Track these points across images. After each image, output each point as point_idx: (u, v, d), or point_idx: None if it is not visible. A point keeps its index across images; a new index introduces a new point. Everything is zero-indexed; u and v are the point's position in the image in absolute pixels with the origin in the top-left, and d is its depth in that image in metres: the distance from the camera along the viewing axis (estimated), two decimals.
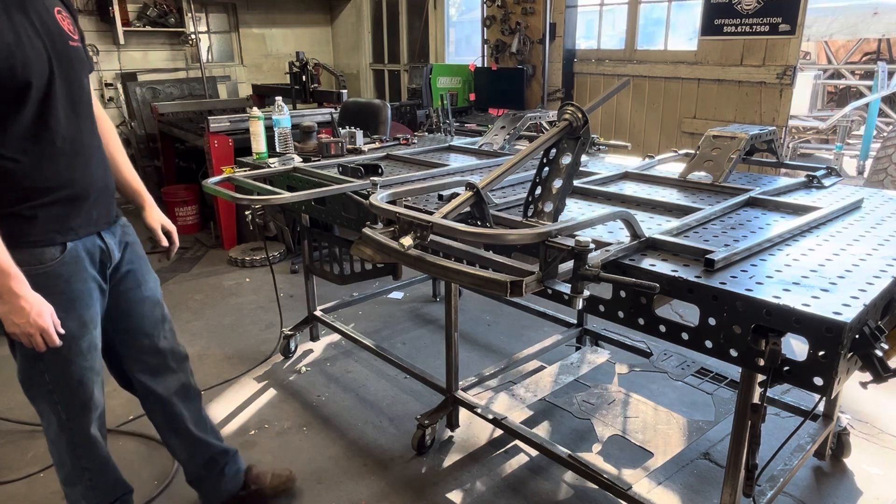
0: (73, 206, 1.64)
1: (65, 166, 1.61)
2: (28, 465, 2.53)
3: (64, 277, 1.63)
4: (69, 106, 1.61)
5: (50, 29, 1.56)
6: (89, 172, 1.68)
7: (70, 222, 1.63)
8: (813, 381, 1.25)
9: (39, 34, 1.53)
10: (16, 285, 1.47)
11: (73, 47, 1.63)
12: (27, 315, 1.49)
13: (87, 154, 1.67)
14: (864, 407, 2.83)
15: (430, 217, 1.51)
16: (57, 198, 1.60)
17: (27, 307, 1.49)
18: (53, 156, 1.58)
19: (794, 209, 1.96)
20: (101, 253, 1.74)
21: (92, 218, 1.70)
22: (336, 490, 2.38)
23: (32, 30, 1.51)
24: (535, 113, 3.29)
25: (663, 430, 2.59)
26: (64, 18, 1.63)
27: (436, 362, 3.24)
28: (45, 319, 1.52)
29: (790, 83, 4.33)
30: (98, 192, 1.71)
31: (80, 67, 1.65)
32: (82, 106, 1.67)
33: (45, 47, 1.53)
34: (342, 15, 8.20)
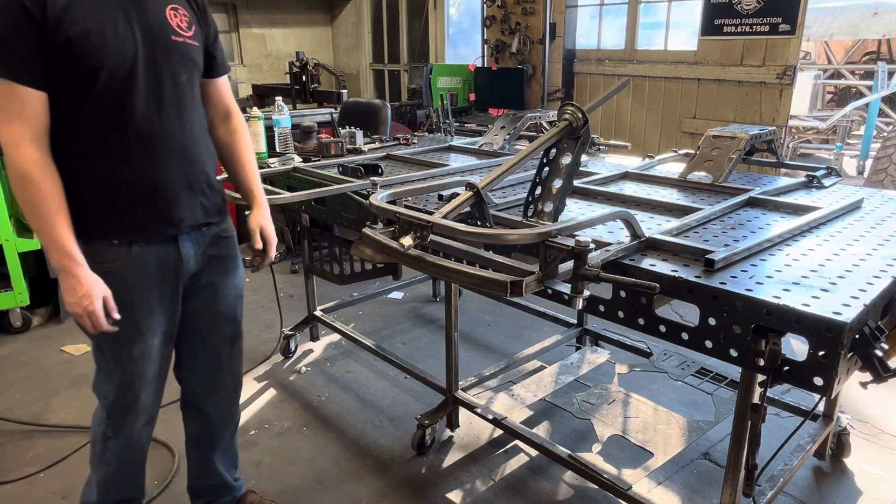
0: (141, 205, 1.58)
1: (136, 163, 1.55)
2: (28, 465, 2.53)
3: (123, 280, 1.59)
4: (155, 101, 1.55)
5: (149, 21, 1.53)
6: (167, 172, 1.60)
7: (137, 221, 1.58)
8: (813, 381, 1.25)
9: (131, 24, 1.50)
10: (69, 264, 1.47)
11: (176, 42, 1.58)
12: (76, 295, 1.48)
13: (167, 152, 1.59)
14: (864, 407, 2.83)
15: (430, 217, 1.51)
16: (124, 194, 1.55)
17: (78, 287, 1.47)
18: (125, 150, 1.54)
19: (794, 209, 1.96)
20: (174, 262, 1.67)
21: (168, 219, 1.62)
22: (336, 490, 2.38)
23: (124, 19, 1.49)
24: (535, 113, 3.29)
25: (663, 430, 2.59)
26: (177, 15, 1.60)
27: (436, 362, 3.24)
28: (93, 303, 1.49)
29: (790, 83, 4.33)
30: (177, 193, 1.63)
31: (178, 63, 1.59)
32: (173, 102, 1.59)
33: (133, 38, 1.50)
34: (342, 15, 8.20)
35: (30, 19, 1.37)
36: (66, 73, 1.44)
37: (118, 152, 1.53)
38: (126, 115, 1.51)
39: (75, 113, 1.48)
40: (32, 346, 3.55)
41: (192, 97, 1.66)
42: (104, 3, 1.46)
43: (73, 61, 1.43)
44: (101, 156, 1.53)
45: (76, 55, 1.42)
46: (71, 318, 3.86)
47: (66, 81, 1.45)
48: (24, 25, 1.37)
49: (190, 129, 1.64)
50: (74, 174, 1.51)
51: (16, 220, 3.74)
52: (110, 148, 1.52)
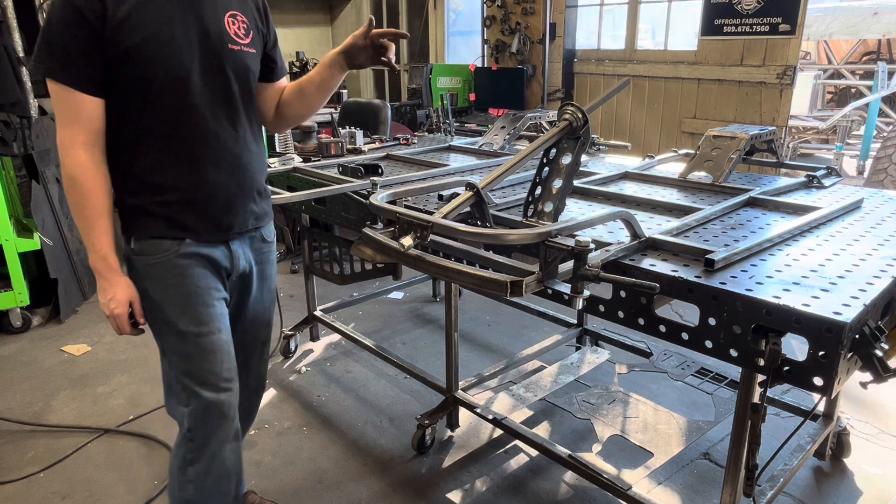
0: (192, 210, 1.59)
1: (190, 170, 1.56)
2: (28, 465, 2.53)
3: (180, 270, 1.60)
4: (210, 110, 1.56)
5: (207, 29, 1.54)
6: (220, 179, 1.60)
7: (188, 223, 1.59)
8: (813, 381, 1.25)
9: (189, 33, 1.51)
10: (103, 267, 1.53)
11: (233, 51, 1.59)
12: (105, 297, 1.55)
13: (220, 160, 1.60)
14: (864, 407, 2.83)
15: (430, 217, 1.51)
16: (176, 199, 1.57)
17: (108, 290, 1.54)
18: (178, 157, 1.55)
19: (794, 209, 1.96)
20: (222, 263, 1.67)
21: (221, 225, 1.64)
22: (336, 490, 2.38)
23: (183, 28, 1.50)
24: (535, 113, 3.29)
25: (663, 430, 2.59)
26: (235, 22, 1.61)
27: (436, 362, 3.24)
28: (119, 306, 1.54)
29: (790, 83, 4.33)
30: (229, 200, 1.64)
31: (234, 72, 1.59)
32: (228, 111, 1.60)
33: (191, 46, 1.51)
34: (342, 15, 8.20)
35: (89, 28, 1.40)
36: (124, 81, 1.47)
37: (172, 159, 1.55)
38: (181, 122, 1.53)
39: (131, 119, 1.51)
40: (32, 346, 3.55)
41: (247, 105, 1.66)
42: (164, 12, 1.48)
43: (130, 69, 1.46)
44: (156, 162, 1.54)
45: (134, 63, 1.45)
46: (71, 319, 3.86)
47: (124, 89, 1.48)
48: (83, 34, 1.40)
49: (243, 136, 1.65)
50: (128, 177, 1.56)
51: (16, 220, 3.74)
52: (164, 154, 1.54)
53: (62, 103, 1.45)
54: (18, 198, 4.00)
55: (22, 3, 4.07)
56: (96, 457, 2.60)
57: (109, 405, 2.96)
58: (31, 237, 3.63)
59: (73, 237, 4.09)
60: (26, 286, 3.61)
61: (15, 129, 3.82)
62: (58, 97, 1.45)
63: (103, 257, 1.52)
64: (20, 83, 3.82)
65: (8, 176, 3.87)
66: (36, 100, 3.98)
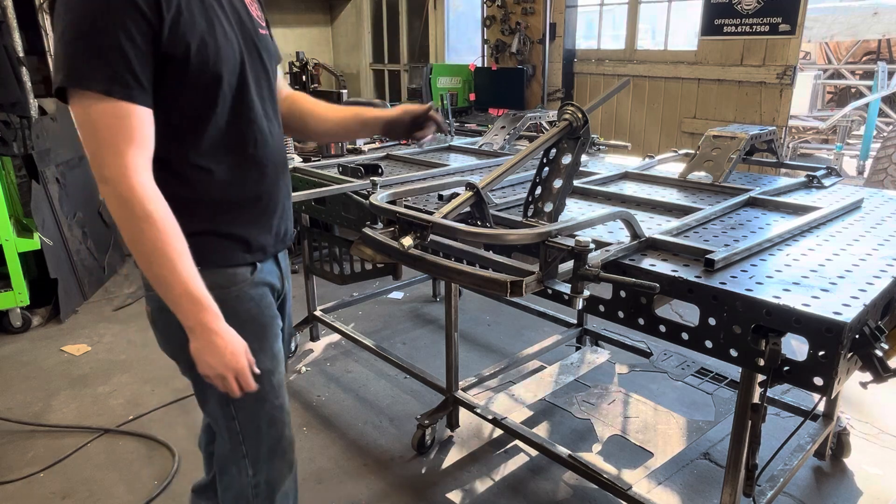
0: (263, 222, 1.42)
1: (257, 177, 1.38)
2: (28, 465, 2.53)
3: (255, 301, 1.41)
4: (262, 107, 1.38)
5: (240, 15, 1.34)
6: (279, 183, 1.45)
7: (260, 239, 1.41)
8: (813, 381, 1.25)
9: (230, 21, 1.31)
10: (210, 319, 1.23)
11: (263, 36, 1.41)
12: (221, 354, 1.24)
13: (277, 161, 1.43)
14: (864, 407, 2.83)
15: (430, 217, 1.51)
16: (249, 212, 1.39)
17: (222, 345, 1.24)
18: (246, 164, 1.36)
19: (794, 209, 1.96)
20: (277, 279, 1.51)
21: (279, 235, 1.48)
22: (336, 490, 2.38)
23: (224, 15, 1.29)
24: (535, 113, 3.29)
25: (663, 430, 2.59)
26: (252, 2, 1.42)
27: (436, 362, 3.24)
28: (241, 359, 1.27)
29: (790, 83, 4.33)
30: (285, 205, 1.49)
31: (269, 59, 1.41)
32: (272, 105, 1.43)
33: (236, 38, 1.31)
34: (342, 15, 8.20)
35: (145, 24, 1.14)
36: (184, 86, 1.23)
37: (242, 168, 1.36)
38: (243, 124, 1.34)
39: (195, 129, 1.28)
40: (32, 346, 3.55)
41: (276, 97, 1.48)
42: (208, 11, 1.26)
43: (191, 72, 1.22)
44: (226, 174, 1.34)
45: (195, 64, 1.22)
46: (71, 319, 3.86)
47: (185, 94, 1.25)
48: (139, 32, 1.13)
49: (280, 133, 1.48)
50: (193, 197, 1.31)
51: (16, 220, 3.74)
52: (236, 165, 1.34)
53: (113, 121, 1.14)
54: (18, 198, 4.00)
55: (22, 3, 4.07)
56: (96, 457, 2.60)
57: (109, 405, 2.96)
58: (31, 237, 3.63)
59: (73, 237, 4.09)
60: (26, 286, 3.61)
61: (15, 129, 3.82)
62: (103, 114, 1.13)
63: (206, 306, 1.22)
64: (20, 83, 3.82)
65: (8, 176, 3.87)
66: (36, 100, 3.98)
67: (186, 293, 1.20)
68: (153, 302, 1.37)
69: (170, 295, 1.20)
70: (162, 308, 1.28)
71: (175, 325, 1.27)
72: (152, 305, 1.38)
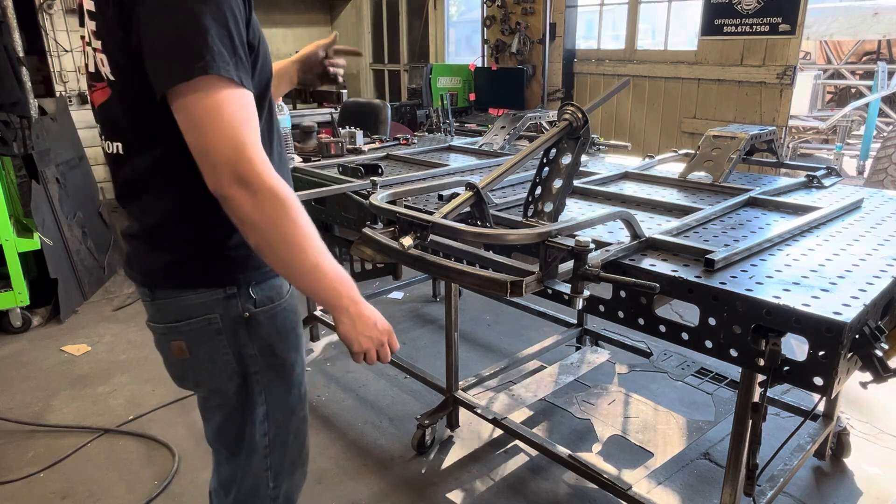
0: None
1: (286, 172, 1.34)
2: (28, 465, 2.53)
3: (294, 311, 1.38)
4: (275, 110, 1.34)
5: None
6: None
7: None
8: (813, 381, 1.25)
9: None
10: (358, 297, 1.19)
11: None
12: (373, 326, 1.21)
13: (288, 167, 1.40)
14: (864, 407, 2.83)
15: (430, 217, 1.51)
16: None
17: (370, 318, 1.21)
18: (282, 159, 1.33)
19: (794, 209, 1.96)
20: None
21: None
22: (336, 490, 2.38)
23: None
24: (535, 113, 3.29)
25: (663, 430, 2.59)
26: None
27: (436, 362, 3.24)
28: (387, 325, 1.25)
29: (790, 83, 4.33)
30: None
31: None
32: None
33: None
34: (342, 15, 8.20)
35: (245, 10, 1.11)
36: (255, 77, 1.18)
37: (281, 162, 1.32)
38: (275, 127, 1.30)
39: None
40: (32, 346, 3.55)
41: None
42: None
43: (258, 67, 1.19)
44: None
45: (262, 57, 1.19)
46: (71, 319, 3.86)
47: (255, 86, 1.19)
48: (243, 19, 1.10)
49: None
50: None
51: (16, 220, 3.74)
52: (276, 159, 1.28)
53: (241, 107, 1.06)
54: (18, 198, 4.00)
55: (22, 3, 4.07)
56: (96, 457, 2.60)
57: (109, 405, 2.96)
58: (31, 237, 3.63)
59: (73, 237, 4.09)
60: (26, 286, 3.61)
61: (15, 129, 3.82)
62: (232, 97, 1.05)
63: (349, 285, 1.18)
64: (20, 83, 3.82)
65: (8, 176, 3.87)
66: (36, 100, 3.98)
67: (338, 274, 1.15)
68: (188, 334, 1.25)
69: (323, 282, 1.13)
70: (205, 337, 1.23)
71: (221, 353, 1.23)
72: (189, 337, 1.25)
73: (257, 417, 1.35)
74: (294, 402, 1.41)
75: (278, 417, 1.38)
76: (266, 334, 1.29)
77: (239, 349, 1.27)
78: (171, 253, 1.22)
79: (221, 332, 1.24)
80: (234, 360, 1.26)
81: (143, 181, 1.20)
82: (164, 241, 1.22)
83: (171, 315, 1.25)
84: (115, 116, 1.19)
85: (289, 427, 1.41)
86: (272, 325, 1.29)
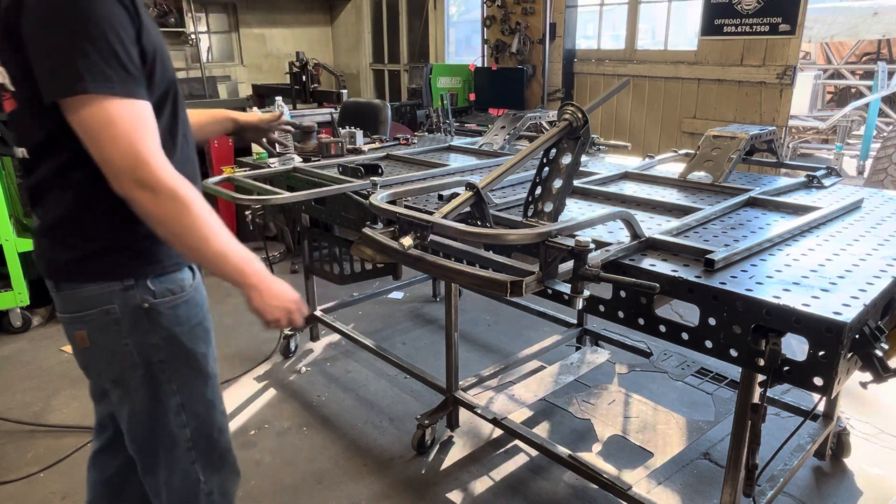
0: None
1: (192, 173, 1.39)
2: (28, 465, 2.53)
3: (200, 304, 1.44)
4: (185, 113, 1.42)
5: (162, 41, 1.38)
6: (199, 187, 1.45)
7: None
8: (813, 381, 1.25)
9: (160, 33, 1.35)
10: (264, 272, 1.29)
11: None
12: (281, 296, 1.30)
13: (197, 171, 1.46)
14: (864, 407, 2.83)
15: (430, 217, 1.51)
16: None
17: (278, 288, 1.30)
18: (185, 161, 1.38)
19: (794, 209, 1.96)
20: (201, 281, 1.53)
21: None
22: (336, 490, 2.38)
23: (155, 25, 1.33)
24: (535, 113, 3.29)
25: (663, 430, 2.59)
26: None
27: (436, 362, 3.24)
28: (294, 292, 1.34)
29: (790, 83, 4.33)
30: None
31: None
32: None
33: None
34: (342, 15, 8.20)
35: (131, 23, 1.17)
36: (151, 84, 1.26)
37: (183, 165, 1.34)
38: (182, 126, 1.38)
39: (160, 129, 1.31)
40: (32, 346, 3.55)
41: None
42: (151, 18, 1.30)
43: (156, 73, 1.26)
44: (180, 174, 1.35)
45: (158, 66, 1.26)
46: None
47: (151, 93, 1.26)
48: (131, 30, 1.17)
49: None
50: None
51: (16, 220, 3.74)
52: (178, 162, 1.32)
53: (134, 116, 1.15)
54: (18, 198, 4.00)
55: None
56: None
57: None
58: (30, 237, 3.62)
59: None
60: (26, 286, 3.61)
61: None
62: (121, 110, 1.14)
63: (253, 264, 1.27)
64: None
65: (8, 176, 3.87)
66: None
67: (243, 255, 1.25)
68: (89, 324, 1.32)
69: (229, 264, 1.23)
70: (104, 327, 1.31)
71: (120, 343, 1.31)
72: (90, 327, 1.33)
73: (170, 408, 1.40)
74: (212, 395, 1.47)
75: (197, 409, 1.44)
76: (168, 324, 1.35)
77: (140, 339, 1.33)
78: (73, 249, 1.29)
79: (120, 322, 1.32)
80: (134, 351, 1.33)
81: (48, 183, 1.28)
82: (66, 238, 1.30)
83: (73, 306, 1.32)
84: (22, 124, 1.28)
85: (211, 419, 1.47)
86: (174, 316, 1.35)
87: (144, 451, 1.45)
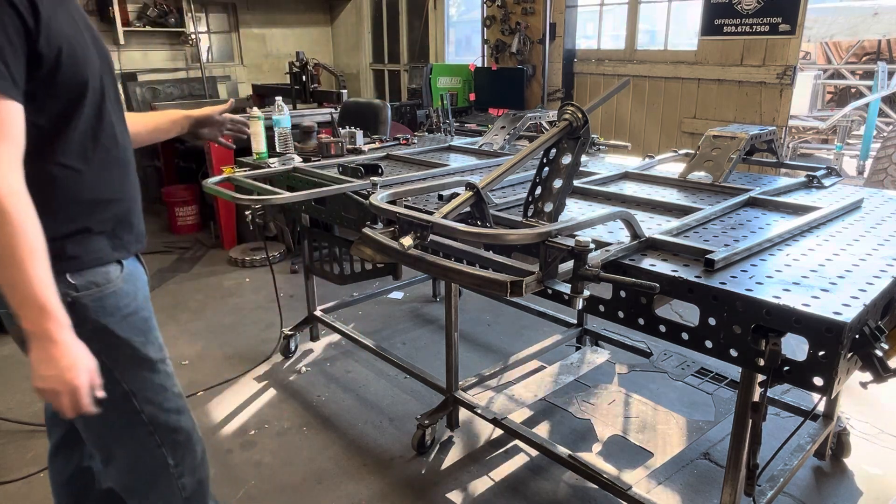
0: (125, 220, 1.47)
1: (119, 176, 1.44)
2: (28, 465, 2.53)
3: (132, 296, 1.46)
4: (117, 115, 1.44)
5: (88, 23, 1.39)
6: (135, 183, 1.52)
7: (123, 237, 1.46)
8: (813, 381, 1.25)
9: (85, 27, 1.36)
10: (54, 328, 1.17)
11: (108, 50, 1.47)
12: (57, 366, 1.18)
13: (131, 166, 1.50)
14: (864, 407, 2.83)
15: (430, 217, 1.51)
16: (114, 211, 1.43)
17: (59, 357, 1.18)
18: (110, 164, 1.41)
19: (794, 209, 1.96)
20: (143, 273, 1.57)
21: (139, 234, 1.53)
22: (336, 490, 2.38)
23: (82, 22, 1.35)
24: (535, 113, 3.29)
25: (663, 430, 2.59)
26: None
27: (436, 362, 3.24)
28: (79, 376, 1.20)
29: (790, 83, 4.33)
30: (140, 208, 1.54)
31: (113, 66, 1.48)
32: (122, 115, 1.49)
33: (91, 42, 1.36)
34: (342, 15, 8.20)
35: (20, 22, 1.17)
36: (55, 87, 1.27)
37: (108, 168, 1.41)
38: (108, 127, 1.40)
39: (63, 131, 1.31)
40: None
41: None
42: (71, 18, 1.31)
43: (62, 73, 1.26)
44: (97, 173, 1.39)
45: (66, 66, 1.26)
46: None
47: (54, 96, 1.28)
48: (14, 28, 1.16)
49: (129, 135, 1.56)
50: (64, 197, 1.34)
51: None
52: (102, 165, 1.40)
53: None
54: None
55: None
56: None
57: None
58: None
59: None
60: None
61: None
62: None
63: (50, 313, 1.16)
64: None
65: None
66: None
67: (32, 296, 1.14)
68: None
69: (14, 297, 1.15)
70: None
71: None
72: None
73: (118, 396, 1.43)
74: (162, 379, 1.50)
75: (148, 394, 1.48)
76: (96, 316, 1.37)
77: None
78: None
79: None
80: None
81: None
82: None
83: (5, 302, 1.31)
84: None
85: (165, 402, 1.51)
86: (101, 308, 1.37)
87: (102, 439, 1.50)
